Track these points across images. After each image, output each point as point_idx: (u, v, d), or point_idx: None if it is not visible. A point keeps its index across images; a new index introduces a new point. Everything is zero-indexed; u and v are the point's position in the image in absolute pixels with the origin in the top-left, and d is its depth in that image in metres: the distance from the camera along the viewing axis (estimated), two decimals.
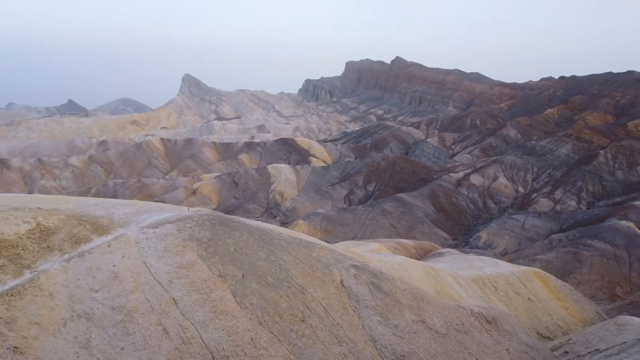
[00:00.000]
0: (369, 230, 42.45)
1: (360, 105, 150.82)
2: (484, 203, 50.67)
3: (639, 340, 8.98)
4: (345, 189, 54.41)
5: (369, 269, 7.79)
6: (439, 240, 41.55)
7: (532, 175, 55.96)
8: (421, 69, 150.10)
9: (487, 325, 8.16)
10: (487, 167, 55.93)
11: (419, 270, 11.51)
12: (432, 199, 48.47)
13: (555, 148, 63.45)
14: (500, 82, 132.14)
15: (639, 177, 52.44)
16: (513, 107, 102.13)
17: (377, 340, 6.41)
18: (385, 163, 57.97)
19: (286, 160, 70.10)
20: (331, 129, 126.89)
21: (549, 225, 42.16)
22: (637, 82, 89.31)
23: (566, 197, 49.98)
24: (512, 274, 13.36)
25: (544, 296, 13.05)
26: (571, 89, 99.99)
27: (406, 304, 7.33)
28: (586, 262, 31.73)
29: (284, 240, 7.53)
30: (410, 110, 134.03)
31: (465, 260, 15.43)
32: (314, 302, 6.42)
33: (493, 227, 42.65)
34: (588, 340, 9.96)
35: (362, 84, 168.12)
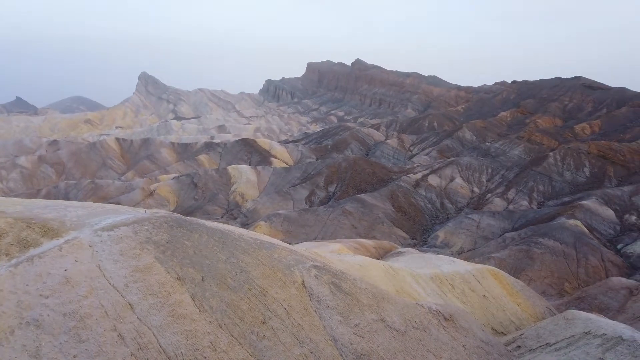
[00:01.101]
0: (330, 230, 42.67)
1: (321, 106, 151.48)
2: (442, 203, 51.95)
3: (585, 334, 9.44)
4: (306, 190, 54.47)
5: (330, 270, 7.83)
6: (399, 240, 42.28)
7: (487, 176, 57.86)
8: (381, 71, 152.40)
9: (444, 322, 8.37)
10: (444, 168, 57.38)
11: (379, 269, 11.67)
12: (392, 200, 49.26)
13: (508, 150, 65.85)
14: (456, 86, 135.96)
15: (585, 177, 55.21)
16: (469, 110, 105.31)
17: (338, 340, 6.46)
18: (346, 164, 58.45)
19: (247, 161, 69.47)
20: (292, 129, 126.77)
21: (503, 224, 43.71)
22: (584, 87, 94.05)
23: (518, 197, 51.96)
24: (468, 271, 13.76)
25: (498, 293, 13.52)
26: (523, 93, 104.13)
27: (366, 303, 7.41)
28: (537, 260, 33.11)
29: (244, 241, 7.46)
30: (371, 112, 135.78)
31: (423, 259, 15.76)
32: (275, 304, 6.40)
33: (450, 227, 43.79)
34: (539, 334, 10.39)
35: (323, 86, 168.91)
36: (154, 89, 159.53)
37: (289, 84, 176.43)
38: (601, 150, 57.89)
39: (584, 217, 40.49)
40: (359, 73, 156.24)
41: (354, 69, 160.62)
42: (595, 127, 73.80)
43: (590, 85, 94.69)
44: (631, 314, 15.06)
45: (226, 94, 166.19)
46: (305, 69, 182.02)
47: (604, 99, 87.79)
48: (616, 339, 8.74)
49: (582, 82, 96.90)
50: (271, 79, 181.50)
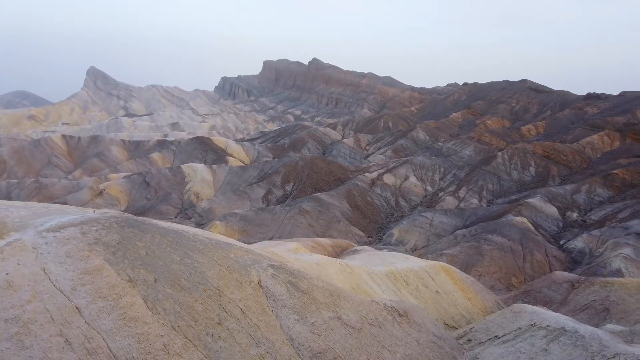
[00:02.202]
0: (287, 229, 42.59)
1: (278, 105, 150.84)
2: (396, 201, 52.98)
3: (531, 326, 9.90)
4: (263, 189, 54.10)
5: (286, 268, 7.82)
6: (355, 238, 42.77)
7: (439, 175, 59.51)
8: (337, 71, 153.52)
9: (398, 318, 8.55)
10: (399, 167, 58.52)
11: (335, 267, 11.76)
12: (348, 198, 49.75)
13: (459, 150, 67.99)
14: (410, 87, 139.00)
15: (531, 176, 57.83)
16: (422, 111, 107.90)
17: (295, 339, 6.46)
18: (303, 163, 58.51)
19: (202, 159, 68.17)
20: (249, 128, 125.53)
21: (454, 221, 45.10)
22: (530, 90, 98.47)
23: (469, 195, 53.77)
24: (422, 268, 14.11)
25: (450, 288, 13.94)
26: (473, 95, 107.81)
27: (323, 301, 7.46)
28: (486, 255, 34.39)
29: (199, 241, 7.33)
30: (327, 111, 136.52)
31: (378, 256, 16.02)
32: (231, 304, 6.32)
33: (404, 225, 44.72)
34: (488, 327, 10.80)
35: (280, 84, 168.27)
36: (103, 85, 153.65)
37: (245, 81, 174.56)
38: (545, 150, 60.81)
39: (529, 215, 42.39)
40: (315, 72, 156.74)
41: (310, 68, 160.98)
42: (540, 128, 77.47)
43: (535, 88, 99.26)
44: (573, 306, 15.93)
45: (180, 90, 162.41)
46: (262, 67, 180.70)
47: (548, 102, 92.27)
48: (559, 330, 9.22)
49: (528, 85, 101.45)
50: (227, 77, 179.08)
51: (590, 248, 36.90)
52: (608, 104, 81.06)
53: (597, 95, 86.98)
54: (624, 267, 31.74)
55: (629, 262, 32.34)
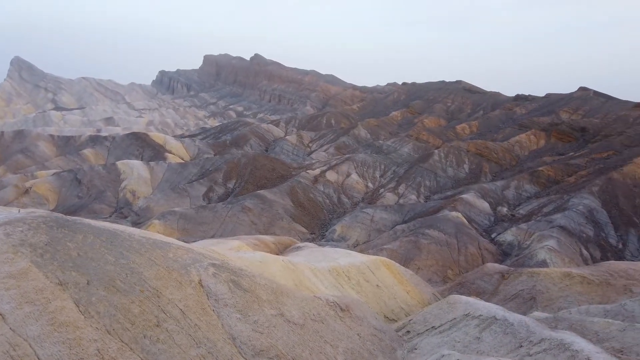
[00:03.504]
0: (229, 227, 41.95)
1: (219, 100, 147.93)
2: (339, 198, 53.66)
3: (465, 316, 10.39)
4: (204, 187, 52.92)
5: (228, 267, 7.71)
6: (298, 235, 42.87)
7: (380, 172, 60.93)
8: (280, 68, 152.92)
9: (340, 313, 8.68)
10: (341, 165, 59.28)
11: (278, 265, 11.74)
12: (291, 195, 49.77)
13: (399, 147, 69.94)
14: (352, 85, 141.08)
15: (465, 173, 60.57)
16: (363, 109, 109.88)
17: (237, 338, 6.39)
18: (246, 160, 57.83)
19: (138, 156, 65.55)
20: (189, 124, 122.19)
21: (394, 217, 46.37)
22: (464, 91, 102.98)
23: (408, 191, 55.48)
24: (363, 263, 14.40)
25: (390, 282, 14.33)
26: (412, 94, 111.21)
27: (266, 299, 7.43)
28: (424, 249, 35.67)
29: (135, 241, 7.06)
30: (270, 108, 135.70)
31: (321, 252, 16.16)
32: (170, 305, 6.14)
33: (346, 221, 45.41)
34: (426, 319, 11.22)
35: (221, 79, 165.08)
36: (29, 76, 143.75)
37: (184, 76, 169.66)
38: (478, 148, 63.90)
39: (464, 210, 44.41)
40: (258, 68, 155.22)
41: (253, 63, 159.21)
42: (474, 127, 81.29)
43: (469, 89, 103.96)
44: (503, 295, 16.88)
45: (115, 84, 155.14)
46: (202, 61, 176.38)
47: (481, 102, 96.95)
48: (491, 319, 9.75)
49: (463, 85, 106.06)
50: (165, 70, 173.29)
51: (518, 241, 39.25)
52: (534, 105, 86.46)
53: (525, 97, 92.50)
54: (548, 258, 34.05)
55: (553, 254, 34.74)
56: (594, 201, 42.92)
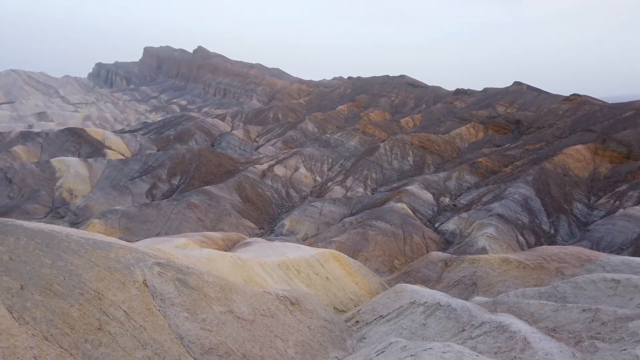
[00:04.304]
0: (175, 225, 40.87)
1: (161, 94, 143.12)
2: (287, 192, 53.60)
3: (411, 304, 10.72)
4: (147, 183, 51.16)
5: (174, 265, 7.52)
6: (246, 230, 42.46)
7: (328, 166, 61.42)
8: (224, 60, 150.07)
9: (291, 306, 8.71)
10: (289, 159, 59.19)
11: (226, 261, 11.58)
12: (239, 191, 49.16)
13: (345, 141, 70.75)
14: (298, 79, 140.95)
15: (409, 165, 62.26)
16: (310, 103, 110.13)
17: (185, 337, 6.26)
18: (191, 155, 56.43)
19: (75, 153, 62.30)
20: (129, 118, 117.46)
21: (342, 210, 46.96)
22: (407, 85, 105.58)
23: (355, 184, 56.31)
24: (312, 256, 14.49)
25: (339, 274, 14.52)
26: (357, 88, 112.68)
27: (214, 296, 7.31)
28: (371, 241, 36.41)
29: (74, 242, 6.72)
30: (215, 102, 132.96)
31: (270, 247, 16.11)
32: (113, 307, 5.92)
33: (295, 215, 45.48)
34: (374, 308, 11.48)
35: (162, 72, 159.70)
36: None
37: (123, 68, 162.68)
38: (421, 141, 65.84)
39: (409, 201, 45.69)
40: (201, 61, 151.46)
41: (196, 56, 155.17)
42: (417, 120, 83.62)
43: (412, 83, 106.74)
44: (446, 282, 17.55)
45: (47, 77, 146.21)
46: (142, 54, 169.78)
47: (423, 96, 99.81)
48: (435, 306, 10.12)
49: (406, 80, 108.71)
50: (102, 63, 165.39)
51: (460, 229, 40.91)
52: (473, 99, 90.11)
53: (465, 91, 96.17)
54: (487, 245, 35.76)
55: (492, 240, 36.51)
56: (529, 190, 45.43)
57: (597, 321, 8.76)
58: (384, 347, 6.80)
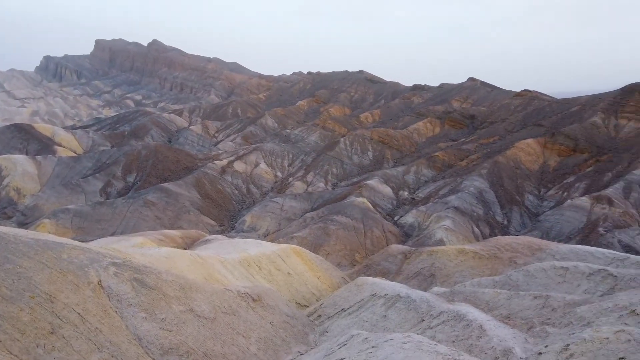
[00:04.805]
0: (131, 224, 39.74)
1: (114, 89, 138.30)
2: (248, 188, 53.13)
3: (372, 296, 10.89)
4: (101, 181, 49.42)
5: (131, 265, 7.32)
6: (206, 228, 41.82)
7: (288, 161, 61.29)
8: (181, 54, 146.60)
9: (252, 303, 8.66)
10: (249, 154, 58.65)
11: (186, 259, 11.37)
12: (198, 187, 48.31)
13: (306, 136, 70.78)
14: (258, 74, 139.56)
15: (369, 160, 63.02)
16: (270, 98, 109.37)
17: (143, 338, 6.11)
18: (147, 152, 54.91)
19: (23, 150, 59.33)
20: (80, 114, 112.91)
21: (303, 205, 47.02)
22: (366, 81, 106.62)
23: (316, 179, 56.49)
24: (274, 252, 14.45)
25: (300, 269, 14.55)
26: (317, 83, 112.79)
27: (173, 295, 7.17)
28: (333, 235, 36.67)
29: (22, 243, 6.42)
30: (172, 97, 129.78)
31: (231, 244, 15.94)
32: (66, 310, 5.70)
33: (256, 211, 45.17)
34: (336, 302, 11.58)
35: (116, 66, 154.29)
36: None
37: (73, 62, 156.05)
38: (381, 136, 66.75)
39: (369, 195, 46.27)
40: (157, 54, 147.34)
41: (151, 49, 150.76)
42: (376, 116, 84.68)
43: (371, 79, 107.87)
44: (406, 274, 17.93)
45: None
46: (93, 47, 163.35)
47: (382, 92, 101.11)
48: (395, 297, 10.32)
49: (365, 75, 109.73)
50: (51, 56, 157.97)
51: (418, 222, 41.84)
52: (430, 95, 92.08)
53: (422, 87, 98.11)
54: (445, 236, 36.76)
55: (449, 232, 37.56)
56: (483, 183, 46.97)
57: (548, 307, 9.19)
58: (345, 340, 6.87)
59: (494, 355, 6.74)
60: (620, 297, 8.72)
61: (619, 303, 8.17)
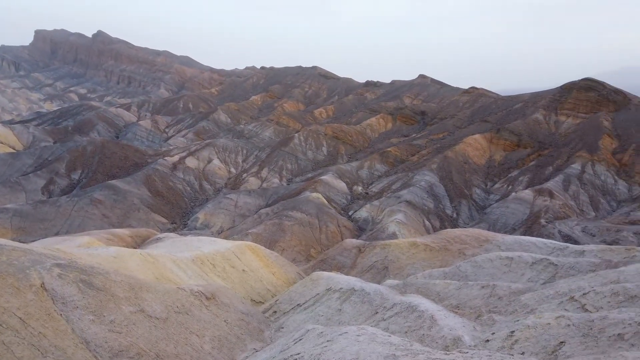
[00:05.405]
0: (77, 223, 38.07)
1: (56, 81, 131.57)
2: (200, 185, 52.10)
3: (327, 290, 10.98)
4: (42, 179, 46.95)
5: (77, 266, 7.02)
6: (157, 226, 40.70)
7: (242, 157, 60.58)
8: (128, 46, 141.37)
9: (206, 301, 8.52)
10: (201, 150, 57.50)
11: (136, 259, 11.03)
12: (148, 184, 46.88)
13: (260, 132, 70.19)
14: (210, 68, 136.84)
15: (324, 155, 63.33)
16: (222, 93, 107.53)
17: (91, 341, 5.88)
18: (93, 148, 52.67)
19: None
20: (20, 108, 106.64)
21: (258, 201, 46.67)
22: (320, 76, 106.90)
23: (271, 175, 56.18)
24: (228, 249, 14.27)
25: (255, 266, 14.45)
26: (271, 78, 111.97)
27: (123, 296, 6.94)
28: (288, 231, 36.64)
29: None
30: (119, 91, 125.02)
31: (184, 242, 15.61)
32: (6, 315, 5.39)
33: (209, 208, 44.40)
34: (291, 297, 11.60)
35: (58, 58, 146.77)
36: None
37: (11, 53, 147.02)
38: (335, 132, 67.22)
39: (324, 190, 46.54)
40: (102, 46, 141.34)
41: (96, 41, 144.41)
42: (330, 111, 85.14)
43: (325, 75, 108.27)
44: (360, 268, 18.21)
45: None
46: (33, 37, 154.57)
47: (335, 87, 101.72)
48: (350, 291, 10.46)
49: (319, 71, 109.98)
50: None
51: (372, 216, 42.54)
52: (382, 91, 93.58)
53: (374, 83, 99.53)
54: (397, 230, 37.57)
55: (402, 226, 38.42)
56: (434, 177, 48.33)
57: (494, 296, 9.60)
58: (301, 335, 6.90)
59: (445, 344, 6.97)
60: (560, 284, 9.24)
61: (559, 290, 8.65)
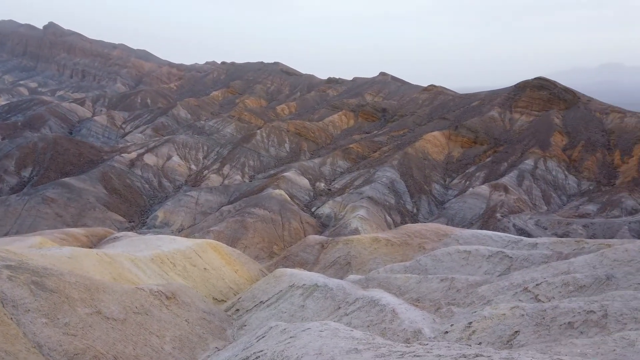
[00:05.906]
0: (28, 222, 36.44)
1: (4, 75, 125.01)
2: (159, 182, 50.90)
3: (291, 287, 10.99)
4: None
5: (28, 267, 6.73)
6: (114, 224, 39.50)
7: (203, 154, 59.57)
8: (82, 39, 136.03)
9: (166, 301, 8.36)
10: (160, 147, 56.16)
11: (92, 259, 10.67)
12: (104, 182, 45.40)
13: (221, 128, 69.20)
14: (168, 62, 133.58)
15: (286, 152, 63.16)
16: (182, 88, 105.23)
17: (44, 345, 5.66)
18: (44, 144, 50.45)
19: None
20: None
21: (220, 198, 46.06)
22: (282, 72, 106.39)
23: (232, 172, 55.53)
24: (189, 247, 14.03)
25: (217, 264, 14.28)
26: (232, 74, 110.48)
27: (78, 297, 6.71)
28: (250, 228, 36.37)
29: None
30: (72, 85, 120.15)
31: (142, 241, 15.23)
32: None
33: (169, 205, 43.47)
34: (254, 295, 11.54)
35: (6, 50, 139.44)
36: None
37: None
38: (297, 128, 67.12)
39: (286, 187, 46.44)
40: (54, 39, 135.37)
41: (47, 33, 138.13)
42: (292, 108, 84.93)
43: (287, 71, 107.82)
44: (323, 264, 18.31)
45: None
46: None
47: (297, 84, 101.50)
48: (313, 287, 10.51)
49: (281, 67, 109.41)
50: None
51: (335, 212, 42.81)
52: (344, 88, 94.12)
53: (336, 80, 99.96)
54: (360, 226, 37.99)
55: (364, 222, 38.88)
56: (394, 173, 49.12)
57: (453, 289, 9.87)
58: (264, 332, 6.88)
59: (405, 336, 7.12)
60: (515, 276, 9.60)
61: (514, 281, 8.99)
